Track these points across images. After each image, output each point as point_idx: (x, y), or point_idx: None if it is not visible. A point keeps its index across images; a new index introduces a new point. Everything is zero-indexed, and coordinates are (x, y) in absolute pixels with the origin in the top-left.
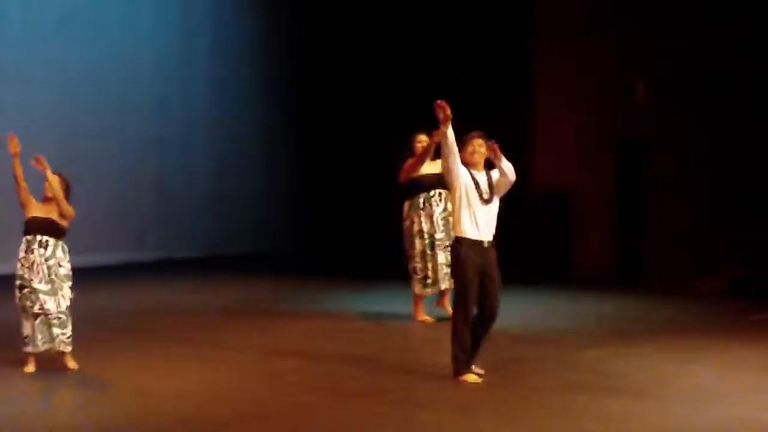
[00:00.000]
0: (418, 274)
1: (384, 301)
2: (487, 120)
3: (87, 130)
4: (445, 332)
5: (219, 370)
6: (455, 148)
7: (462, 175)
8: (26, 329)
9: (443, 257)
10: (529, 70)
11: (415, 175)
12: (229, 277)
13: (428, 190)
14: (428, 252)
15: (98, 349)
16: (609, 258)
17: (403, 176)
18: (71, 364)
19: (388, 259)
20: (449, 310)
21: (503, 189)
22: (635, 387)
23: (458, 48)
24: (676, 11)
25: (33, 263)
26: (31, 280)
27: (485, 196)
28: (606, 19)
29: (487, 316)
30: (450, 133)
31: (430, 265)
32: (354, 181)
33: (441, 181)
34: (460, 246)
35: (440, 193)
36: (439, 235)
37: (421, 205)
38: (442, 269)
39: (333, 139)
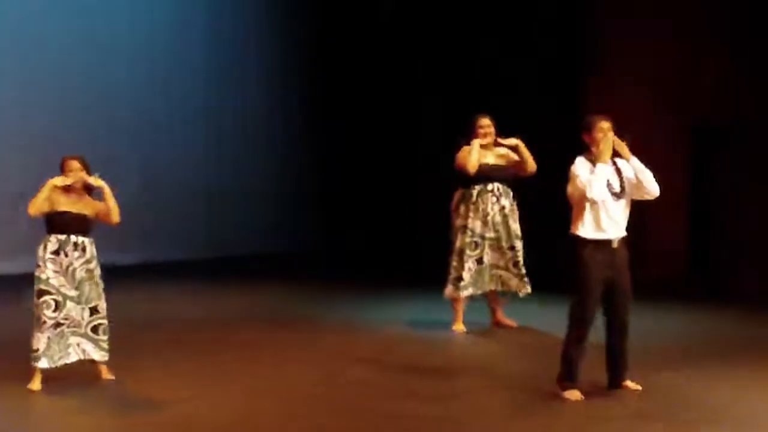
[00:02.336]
0: (451, 274)
1: (419, 309)
2: (535, 104)
3: (68, 123)
4: (488, 344)
5: (232, 389)
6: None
7: (585, 175)
8: (39, 342)
9: (491, 258)
10: (583, 45)
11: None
12: (231, 283)
13: (484, 183)
14: (468, 252)
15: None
16: (679, 265)
17: (461, 165)
18: (106, 374)
19: (419, 262)
20: (508, 322)
21: (637, 194)
22: (710, 416)
23: (500, 26)
24: None
25: (66, 267)
26: (61, 285)
27: (615, 190)
28: None
29: (617, 324)
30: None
31: (466, 266)
32: (378, 180)
33: (500, 174)
34: (581, 247)
35: (498, 188)
36: (490, 234)
37: (473, 199)
38: (484, 272)
39: (357, 136)
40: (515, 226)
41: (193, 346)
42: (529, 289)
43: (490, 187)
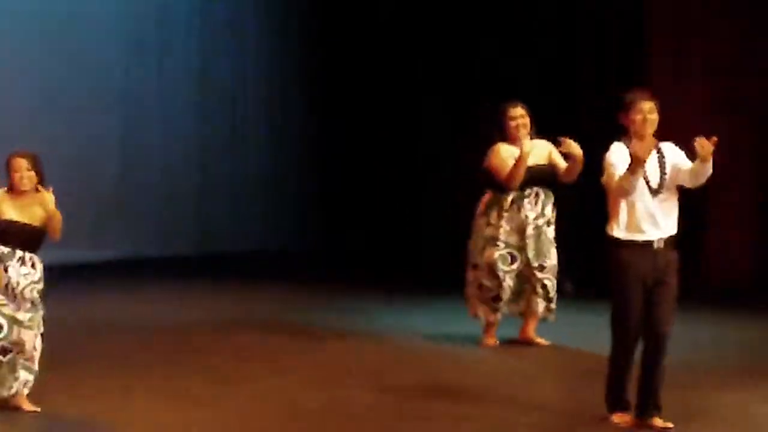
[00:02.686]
0: (483, 293)
1: (431, 316)
2: (535, 104)
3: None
4: (518, 362)
5: (218, 412)
6: None
7: (623, 165)
8: None
9: (525, 271)
10: (636, 18)
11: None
12: (223, 283)
13: (522, 188)
14: (502, 266)
15: (58, 384)
16: (755, 267)
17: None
18: (29, 405)
19: (425, 264)
20: (538, 341)
21: (688, 182)
22: None
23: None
24: None
25: (6, 285)
26: (2, 305)
27: (654, 185)
28: None
29: (653, 341)
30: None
31: (505, 284)
32: (379, 179)
33: (541, 177)
34: (616, 249)
35: (538, 193)
36: (523, 245)
37: (507, 206)
38: (518, 287)
39: (357, 135)
40: (551, 236)
41: (180, 351)
42: (554, 318)
43: (527, 192)
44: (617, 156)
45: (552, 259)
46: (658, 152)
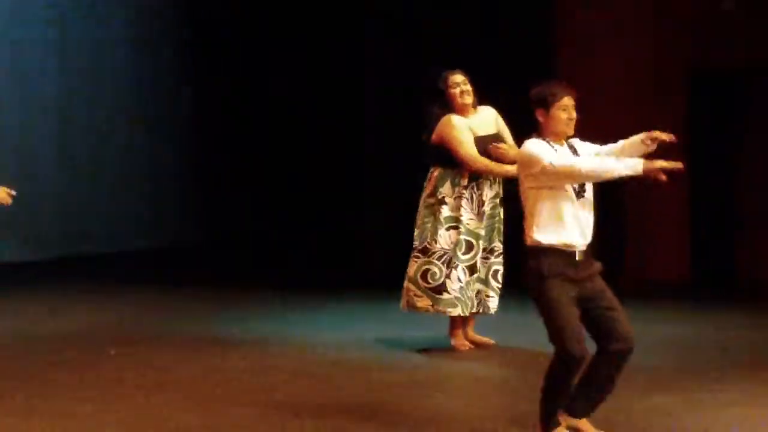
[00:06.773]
0: (428, 282)
1: (343, 322)
2: (483, 56)
3: None
4: (465, 367)
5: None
6: None
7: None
8: None
9: (484, 269)
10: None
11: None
12: (92, 289)
13: None
14: (459, 254)
15: None
16: (683, 259)
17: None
18: None
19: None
20: (483, 340)
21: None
22: None
23: None
24: None
25: None
26: None
27: (577, 186)
28: None
29: (617, 351)
30: None
31: (455, 274)
32: (266, 167)
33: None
34: (539, 258)
35: None
36: (483, 233)
37: (465, 183)
38: (470, 287)
39: (241, 112)
40: (502, 216)
41: (48, 367)
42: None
43: None
44: (542, 147)
45: (501, 242)
46: (570, 148)
